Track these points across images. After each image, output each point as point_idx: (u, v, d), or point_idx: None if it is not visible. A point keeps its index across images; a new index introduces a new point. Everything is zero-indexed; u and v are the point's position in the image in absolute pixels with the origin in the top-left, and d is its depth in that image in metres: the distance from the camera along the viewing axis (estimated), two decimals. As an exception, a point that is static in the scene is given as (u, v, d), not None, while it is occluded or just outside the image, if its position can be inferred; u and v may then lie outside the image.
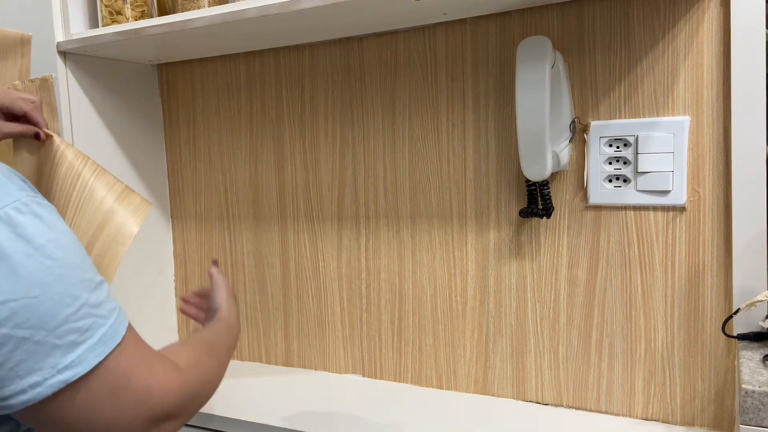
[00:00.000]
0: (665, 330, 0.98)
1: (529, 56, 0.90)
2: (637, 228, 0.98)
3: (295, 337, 1.30)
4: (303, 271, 1.28)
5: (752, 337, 0.85)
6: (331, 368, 1.27)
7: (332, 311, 1.25)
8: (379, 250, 1.19)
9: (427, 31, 1.11)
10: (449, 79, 1.10)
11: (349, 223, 1.22)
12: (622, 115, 0.98)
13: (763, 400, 0.67)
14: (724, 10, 0.90)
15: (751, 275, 0.89)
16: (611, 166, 0.99)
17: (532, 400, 1.08)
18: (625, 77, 0.97)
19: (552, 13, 1.01)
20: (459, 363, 1.14)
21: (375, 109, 1.17)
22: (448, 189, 1.12)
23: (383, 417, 1.05)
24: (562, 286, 1.04)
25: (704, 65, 0.92)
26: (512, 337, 1.09)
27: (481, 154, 1.08)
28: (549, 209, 0.99)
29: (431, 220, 1.14)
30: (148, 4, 1.12)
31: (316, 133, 1.23)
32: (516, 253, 1.07)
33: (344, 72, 1.19)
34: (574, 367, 1.04)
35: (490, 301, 1.10)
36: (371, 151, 1.18)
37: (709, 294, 0.94)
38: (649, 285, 0.98)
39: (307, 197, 1.25)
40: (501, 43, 1.05)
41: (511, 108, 1.05)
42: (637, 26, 0.96)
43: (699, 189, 0.94)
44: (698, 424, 0.97)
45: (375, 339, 1.21)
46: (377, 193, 1.18)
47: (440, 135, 1.11)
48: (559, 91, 0.96)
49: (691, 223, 0.95)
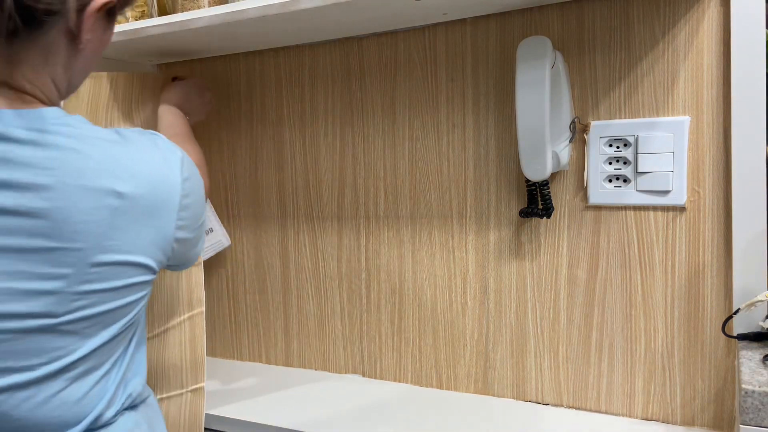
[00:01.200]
0: (665, 330, 0.98)
1: (529, 56, 0.90)
2: (637, 228, 0.98)
3: (295, 337, 1.30)
4: (303, 271, 1.28)
5: (752, 337, 0.85)
6: (331, 368, 1.27)
7: (332, 311, 1.25)
8: (379, 250, 1.19)
9: (427, 31, 1.11)
10: (449, 79, 1.10)
11: (349, 223, 1.22)
12: (622, 115, 0.98)
13: (763, 400, 0.67)
14: (724, 10, 0.90)
15: (751, 275, 0.89)
16: (611, 166, 0.99)
17: (532, 400, 1.08)
18: (625, 77, 0.97)
19: (552, 13, 1.01)
20: (459, 363, 1.14)
21: (375, 109, 1.17)
22: (448, 189, 1.12)
23: (383, 417, 1.05)
24: (562, 286, 1.04)
25: (704, 65, 0.92)
26: (512, 337, 1.09)
27: (481, 154, 1.08)
28: (549, 209, 0.99)
29: (431, 220, 1.14)
30: (148, 4, 1.12)
31: (316, 133, 1.23)
32: (516, 253, 1.07)
33: (344, 72, 1.19)
34: (574, 367, 1.04)
35: (490, 301, 1.10)
36: (371, 151, 1.18)
37: (709, 294, 0.94)
38: (649, 285, 0.98)
39: (307, 197, 1.25)
40: (501, 43, 1.05)
41: (511, 108, 1.05)
42: (637, 26, 0.96)
43: (699, 189, 0.94)
44: (698, 424, 0.97)
45: (375, 339, 1.21)
46: (377, 193, 1.18)
47: (440, 135, 1.11)
48: (559, 91, 0.96)
49: (691, 223, 0.95)
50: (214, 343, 1.40)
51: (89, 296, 0.62)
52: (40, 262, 0.59)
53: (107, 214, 0.61)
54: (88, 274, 0.61)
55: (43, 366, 0.61)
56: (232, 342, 1.38)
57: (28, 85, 0.64)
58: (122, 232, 0.62)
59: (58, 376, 0.62)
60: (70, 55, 0.66)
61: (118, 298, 0.64)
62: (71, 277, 0.60)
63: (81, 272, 0.60)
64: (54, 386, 0.62)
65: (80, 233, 0.60)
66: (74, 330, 0.62)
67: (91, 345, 0.64)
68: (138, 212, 0.63)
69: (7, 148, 0.59)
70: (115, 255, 0.62)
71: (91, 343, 0.64)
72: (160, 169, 0.67)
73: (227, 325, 1.38)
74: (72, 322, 0.61)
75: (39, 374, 0.61)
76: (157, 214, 0.65)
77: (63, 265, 0.60)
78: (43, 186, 0.58)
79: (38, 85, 0.64)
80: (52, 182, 0.59)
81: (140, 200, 0.63)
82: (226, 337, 1.38)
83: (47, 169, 0.59)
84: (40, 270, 0.59)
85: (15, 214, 0.58)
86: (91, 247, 0.60)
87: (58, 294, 0.60)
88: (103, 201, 0.61)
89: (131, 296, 0.66)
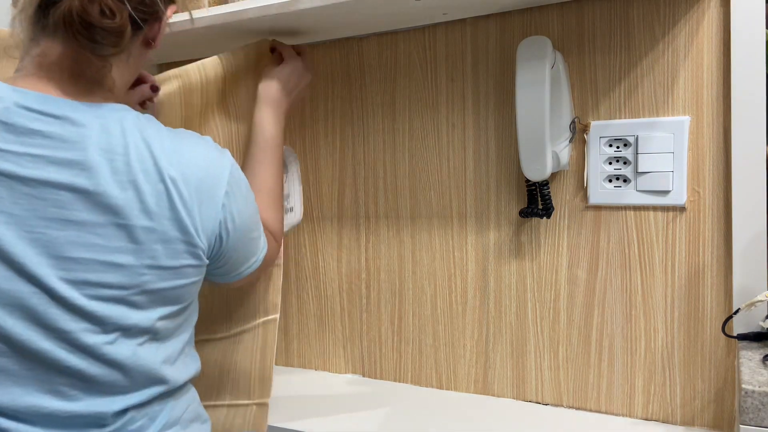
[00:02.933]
0: (665, 330, 0.98)
1: (529, 56, 0.90)
2: (637, 228, 0.98)
3: (295, 337, 1.30)
4: (303, 271, 1.28)
5: (752, 337, 0.85)
6: (331, 368, 1.27)
7: (332, 311, 1.25)
8: (379, 250, 1.19)
9: (427, 31, 1.11)
10: (449, 79, 1.10)
11: (349, 223, 1.22)
12: (622, 115, 0.98)
13: (763, 400, 0.67)
14: (724, 10, 0.90)
15: (751, 275, 0.89)
16: (611, 166, 0.99)
17: (532, 400, 1.08)
18: (625, 77, 0.97)
19: (552, 13, 1.01)
20: (459, 363, 1.14)
21: (375, 109, 1.17)
22: (448, 189, 1.12)
23: (383, 417, 1.05)
24: (562, 286, 1.04)
25: (704, 65, 0.92)
26: (512, 337, 1.09)
27: (481, 154, 1.08)
28: (549, 209, 0.99)
29: (431, 220, 1.14)
30: (148, 4, 1.12)
31: (316, 133, 1.23)
32: (516, 253, 1.07)
33: (344, 72, 1.19)
34: (574, 367, 1.04)
35: (490, 301, 1.10)
36: (371, 151, 1.18)
37: (709, 294, 0.94)
38: (649, 285, 0.98)
39: (307, 197, 1.25)
40: (501, 43, 1.05)
41: (511, 108, 1.05)
42: (637, 26, 0.96)
43: (699, 189, 0.94)
44: (698, 424, 0.97)
45: (375, 339, 1.21)
46: (377, 193, 1.18)
47: (440, 135, 1.11)
48: (559, 91, 0.96)
49: (691, 223, 0.95)
50: (214, 343, 1.40)
51: (153, 272, 0.69)
52: (114, 237, 0.67)
53: (167, 197, 0.69)
54: (154, 250, 0.69)
55: (112, 332, 0.69)
56: (232, 342, 1.38)
57: (110, 82, 0.73)
58: (179, 214, 0.70)
59: (119, 341, 0.69)
60: (139, 56, 0.77)
61: (176, 278, 0.72)
62: (139, 253, 0.68)
63: (148, 248, 0.69)
64: (118, 350, 0.69)
65: (148, 213, 0.68)
66: (137, 302, 0.69)
67: (151, 317, 0.71)
68: (195, 195, 0.72)
69: (86, 133, 0.67)
70: (174, 233, 0.70)
71: (151, 315, 0.71)
72: (210, 160, 0.76)
73: (227, 325, 1.38)
74: (137, 294, 0.69)
75: (108, 339, 0.68)
76: (213, 198, 0.74)
77: (133, 241, 0.68)
78: (116, 170, 0.67)
79: (118, 82, 0.75)
80: (123, 167, 0.67)
81: (195, 184, 0.72)
82: (226, 337, 1.38)
83: (119, 155, 0.67)
84: (114, 244, 0.67)
85: (92, 194, 0.66)
86: (155, 226, 0.69)
87: (127, 267, 0.68)
88: (164, 185, 0.69)
89: (185, 279, 0.74)
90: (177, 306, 0.75)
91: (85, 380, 0.69)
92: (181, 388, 0.79)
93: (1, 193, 0.64)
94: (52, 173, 0.65)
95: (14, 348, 0.66)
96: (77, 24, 0.67)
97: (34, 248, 0.65)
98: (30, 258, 0.65)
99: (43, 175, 0.65)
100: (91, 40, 0.68)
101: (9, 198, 0.64)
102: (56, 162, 0.66)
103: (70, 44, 0.70)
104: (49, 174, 0.65)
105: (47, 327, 0.66)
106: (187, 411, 0.79)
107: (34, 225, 0.65)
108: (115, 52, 0.71)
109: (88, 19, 0.67)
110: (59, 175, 0.65)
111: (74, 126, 0.67)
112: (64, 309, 0.66)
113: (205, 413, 0.85)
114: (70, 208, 0.66)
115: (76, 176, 0.66)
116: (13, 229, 0.64)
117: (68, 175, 0.66)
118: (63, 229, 0.65)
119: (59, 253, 0.66)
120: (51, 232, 0.65)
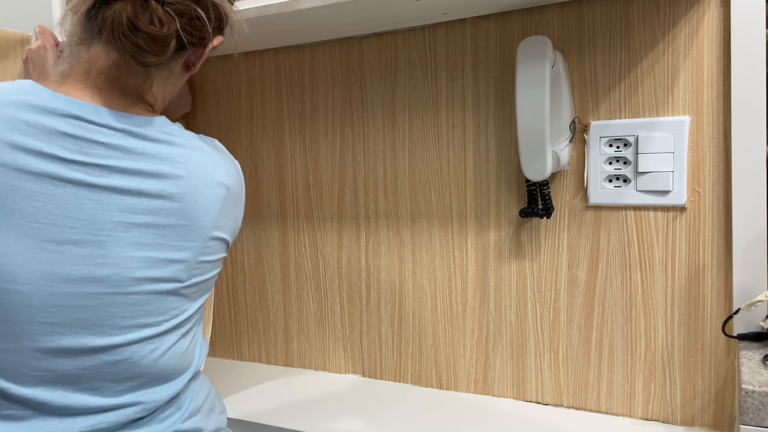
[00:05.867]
0: (665, 330, 0.98)
1: (529, 56, 0.90)
2: (637, 228, 0.98)
3: (295, 337, 1.30)
4: (303, 271, 1.28)
5: (752, 337, 0.85)
6: (331, 368, 1.27)
7: (332, 311, 1.25)
8: (379, 250, 1.19)
9: (427, 31, 1.11)
10: (449, 79, 1.10)
11: (349, 223, 1.22)
12: (622, 115, 0.98)
13: (763, 400, 0.67)
14: (724, 10, 0.90)
15: (751, 275, 0.89)
16: (611, 166, 0.99)
17: (532, 400, 1.08)
18: (625, 77, 0.97)
19: (552, 13, 1.01)
20: (459, 363, 1.14)
21: (375, 109, 1.17)
22: (448, 189, 1.12)
23: (383, 417, 1.05)
24: (562, 286, 1.04)
25: (704, 65, 0.92)
26: (512, 337, 1.09)
27: (481, 154, 1.08)
28: (549, 209, 0.99)
29: (431, 220, 1.14)
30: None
31: (316, 133, 1.23)
32: (516, 253, 1.07)
33: (344, 72, 1.19)
34: (574, 367, 1.04)
35: (490, 301, 1.10)
36: (371, 151, 1.18)
37: (709, 294, 0.94)
38: (649, 285, 0.98)
39: (307, 197, 1.25)
40: (501, 43, 1.05)
41: (511, 108, 1.05)
42: (637, 26, 0.96)
43: (699, 189, 0.94)
44: (698, 424, 0.97)
45: (375, 339, 1.21)
46: (377, 193, 1.18)
47: (440, 135, 1.11)
48: (559, 91, 0.96)
49: (691, 223, 0.95)
50: (214, 343, 1.40)
51: (203, 265, 0.76)
52: (174, 237, 0.73)
53: (219, 200, 0.77)
54: (206, 247, 0.76)
55: (165, 322, 0.74)
56: (232, 342, 1.38)
57: (152, 98, 0.78)
58: (224, 216, 0.78)
59: (173, 331, 0.76)
60: (179, 77, 0.81)
61: (214, 269, 0.80)
62: (195, 249, 0.75)
63: (202, 245, 0.75)
64: (170, 340, 0.75)
65: (203, 214, 0.75)
66: (189, 293, 0.76)
67: (194, 306, 0.78)
68: (233, 201, 0.80)
69: (148, 146, 0.72)
70: (219, 233, 0.77)
71: (195, 305, 0.78)
72: (237, 169, 0.84)
73: (227, 325, 1.38)
74: (189, 287, 0.76)
75: (162, 329, 0.74)
76: (239, 203, 0.82)
77: (190, 239, 0.74)
78: (177, 176, 0.73)
79: (158, 99, 0.79)
80: (183, 173, 0.73)
81: (234, 191, 0.80)
82: (226, 337, 1.38)
83: (179, 163, 0.73)
84: (173, 243, 0.73)
85: (157, 197, 0.72)
86: (209, 226, 0.76)
87: (185, 263, 0.74)
88: (217, 190, 0.76)
89: (217, 269, 0.82)
90: (210, 293, 0.83)
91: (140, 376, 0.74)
92: (200, 373, 0.85)
93: (67, 199, 0.68)
94: (118, 181, 0.70)
95: (73, 351, 0.70)
96: (124, 26, 0.68)
97: (96, 249, 0.70)
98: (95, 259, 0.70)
99: (109, 182, 0.70)
100: (134, 44, 0.69)
101: (74, 203, 0.68)
102: (121, 171, 0.70)
103: (115, 51, 0.72)
104: (116, 182, 0.70)
105: (110, 325, 0.70)
106: (206, 401, 0.84)
107: (99, 228, 0.69)
108: (156, 62, 0.72)
109: (136, 24, 0.69)
110: (125, 183, 0.70)
111: (135, 138, 0.72)
112: (129, 305, 0.71)
113: (222, 403, 0.89)
114: (135, 211, 0.71)
115: (141, 183, 0.71)
116: (78, 234, 0.68)
117: (134, 182, 0.71)
118: (128, 231, 0.70)
119: (124, 253, 0.71)
120: (117, 234, 0.70)
